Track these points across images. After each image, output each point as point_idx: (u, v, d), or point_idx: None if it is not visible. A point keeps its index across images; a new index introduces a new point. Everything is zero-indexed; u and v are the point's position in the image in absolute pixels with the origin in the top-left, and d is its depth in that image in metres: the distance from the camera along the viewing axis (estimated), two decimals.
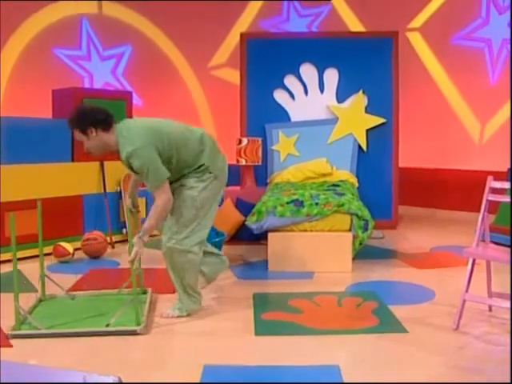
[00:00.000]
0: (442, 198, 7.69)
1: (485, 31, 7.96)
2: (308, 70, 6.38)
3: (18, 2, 6.79)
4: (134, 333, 2.99)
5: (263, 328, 3.16)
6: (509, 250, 3.65)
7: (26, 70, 7.07)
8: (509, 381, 2.47)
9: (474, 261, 3.23)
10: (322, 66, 6.36)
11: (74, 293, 3.66)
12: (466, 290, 3.20)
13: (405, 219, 7.06)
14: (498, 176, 5.94)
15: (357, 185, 5.97)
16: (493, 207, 5.82)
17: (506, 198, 3.47)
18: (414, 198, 8.04)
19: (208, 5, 8.48)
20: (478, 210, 6.23)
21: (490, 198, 3.38)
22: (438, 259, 4.88)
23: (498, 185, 3.37)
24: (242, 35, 6.50)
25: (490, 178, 3.41)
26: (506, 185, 3.34)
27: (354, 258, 4.73)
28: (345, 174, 6.00)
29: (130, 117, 5.82)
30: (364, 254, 5.11)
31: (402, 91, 8.18)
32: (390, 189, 6.34)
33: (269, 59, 6.37)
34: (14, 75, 7.01)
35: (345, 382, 2.46)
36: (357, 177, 6.16)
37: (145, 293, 3.63)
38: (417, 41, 8.55)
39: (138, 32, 8.29)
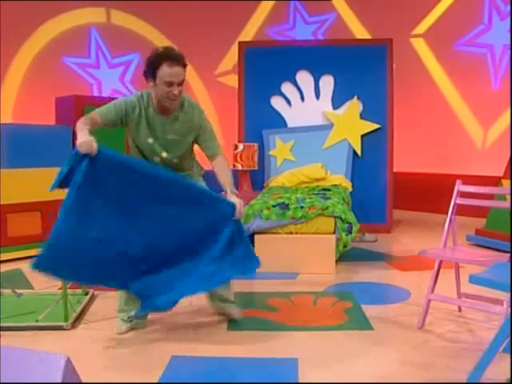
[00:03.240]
0: (442, 203, 7.74)
1: (487, 37, 8.04)
2: (304, 77, 6.55)
3: (28, 12, 7.09)
4: (60, 328, 3.20)
5: (236, 324, 3.33)
6: (480, 252, 3.76)
7: (36, 77, 7.37)
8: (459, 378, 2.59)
9: (440, 262, 3.35)
10: (318, 73, 6.52)
11: (21, 291, 3.83)
12: (432, 291, 3.32)
13: (403, 223, 7.15)
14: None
15: (350, 189, 6.10)
16: (483, 212, 5.95)
17: (476, 202, 3.55)
18: (415, 202, 8.13)
19: (215, 13, 8.70)
20: (477, 215, 6.33)
21: (458, 202, 3.49)
22: (424, 262, 4.94)
23: (466, 189, 3.47)
24: (240, 44, 6.71)
25: (458, 181, 3.52)
26: (472, 189, 3.44)
27: (340, 260, 4.88)
28: (338, 179, 6.13)
29: None
30: (353, 256, 5.26)
31: (405, 96, 8.30)
32: (385, 193, 6.44)
33: (266, 67, 6.55)
34: (25, 83, 7.32)
35: (299, 373, 2.62)
36: (352, 181, 6.29)
37: (87, 294, 3.85)
38: (421, 47, 8.66)
39: (146, 40, 8.55)
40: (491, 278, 2.60)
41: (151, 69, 2.89)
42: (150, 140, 3.03)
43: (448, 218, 3.46)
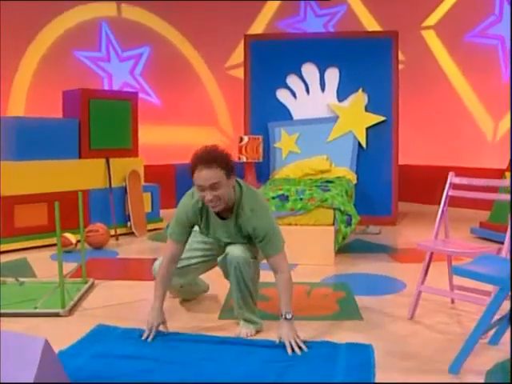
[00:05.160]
0: (451, 196, 7.71)
1: (498, 28, 7.95)
2: (310, 70, 6.58)
3: (39, 7, 7.20)
4: (57, 315, 3.30)
5: (227, 313, 3.39)
6: (471, 244, 3.76)
7: (48, 71, 7.49)
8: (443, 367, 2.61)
9: (431, 254, 3.37)
10: (324, 66, 6.54)
11: (24, 279, 3.99)
12: (422, 282, 3.34)
13: (409, 216, 7.14)
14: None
15: (355, 181, 6.12)
16: (487, 204, 5.91)
17: (469, 195, 3.54)
18: (424, 195, 8.09)
19: (225, 6, 8.73)
20: (484, 208, 6.28)
21: (450, 194, 3.50)
22: (424, 254, 4.97)
23: (458, 181, 3.48)
24: (245, 37, 6.76)
25: (451, 173, 3.53)
26: (465, 181, 3.45)
27: (342, 252, 4.93)
28: (343, 171, 6.15)
29: (136, 116, 6.11)
30: (355, 248, 5.31)
31: (416, 88, 8.28)
32: (390, 185, 6.45)
33: (272, 60, 6.60)
34: (37, 76, 7.44)
35: None
36: (357, 174, 6.31)
37: (86, 282, 3.93)
38: (431, 38, 8.60)
39: (156, 34, 8.63)
40: (474, 270, 2.62)
41: (191, 173, 2.74)
42: (200, 238, 3.16)
43: (440, 210, 3.47)
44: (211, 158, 2.68)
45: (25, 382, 1.81)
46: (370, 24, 8.87)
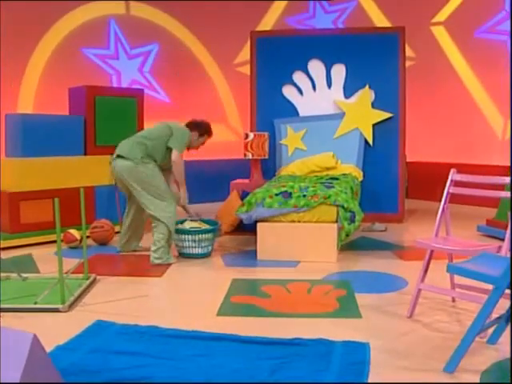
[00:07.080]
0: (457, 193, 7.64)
1: (508, 24, 7.83)
2: (316, 66, 6.54)
3: (48, 4, 7.24)
4: (57, 310, 3.33)
5: (226, 309, 3.40)
6: (471, 242, 3.71)
7: (57, 69, 7.53)
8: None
9: (431, 252, 3.34)
10: (330, 62, 6.50)
11: (27, 275, 4.04)
12: (422, 280, 3.31)
13: (417, 213, 7.09)
14: None
15: (361, 178, 6.08)
16: (494, 202, 5.84)
17: (468, 191, 3.50)
18: (433, 192, 8.01)
19: (234, 2, 8.71)
20: (492, 206, 6.20)
21: (451, 191, 3.46)
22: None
23: (460, 177, 3.44)
24: (251, 33, 6.73)
25: (452, 170, 3.49)
26: (466, 178, 3.41)
27: (346, 249, 4.91)
28: (349, 168, 6.12)
29: (142, 113, 6.13)
30: (360, 245, 5.28)
31: (425, 84, 8.22)
32: (396, 183, 6.40)
33: (278, 56, 6.56)
34: (45, 74, 7.49)
35: None
36: (363, 171, 6.27)
37: (88, 278, 3.95)
38: (441, 34, 8.52)
39: (165, 31, 8.64)
40: (469, 268, 2.60)
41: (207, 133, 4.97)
42: None
43: (441, 207, 3.44)
44: None
45: (12, 377, 1.81)
46: (380, 20, 8.80)
